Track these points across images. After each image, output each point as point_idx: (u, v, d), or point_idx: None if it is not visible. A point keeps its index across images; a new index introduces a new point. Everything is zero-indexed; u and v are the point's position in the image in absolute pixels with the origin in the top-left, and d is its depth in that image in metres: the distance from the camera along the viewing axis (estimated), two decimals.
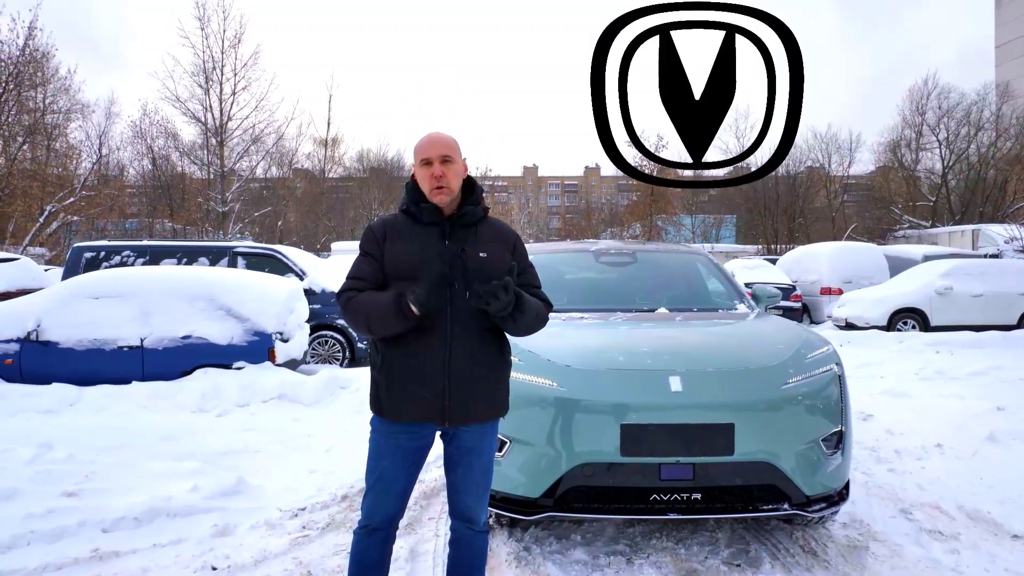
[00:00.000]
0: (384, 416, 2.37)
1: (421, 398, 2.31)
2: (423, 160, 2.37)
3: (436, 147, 2.38)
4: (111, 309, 7.31)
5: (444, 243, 2.35)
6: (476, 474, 2.46)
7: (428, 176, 2.36)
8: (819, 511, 3.19)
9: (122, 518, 3.64)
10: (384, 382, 2.35)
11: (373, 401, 2.42)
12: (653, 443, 3.04)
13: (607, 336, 3.82)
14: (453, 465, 2.47)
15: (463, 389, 2.33)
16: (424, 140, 2.43)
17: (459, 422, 2.37)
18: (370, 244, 2.42)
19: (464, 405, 2.35)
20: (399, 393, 2.32)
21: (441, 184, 2.35)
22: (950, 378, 8.40)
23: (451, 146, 2.41)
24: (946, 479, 4.44)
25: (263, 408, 6.77)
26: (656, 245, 5.78)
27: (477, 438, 2.45)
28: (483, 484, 2.50)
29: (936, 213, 36.00)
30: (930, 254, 16.74)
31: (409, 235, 2.38)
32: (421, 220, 2.39)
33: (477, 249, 2.38)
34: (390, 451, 2.38)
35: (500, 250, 2.45)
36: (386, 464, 2.38)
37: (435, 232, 2.37)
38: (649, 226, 36.46)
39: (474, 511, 2.49)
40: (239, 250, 10.17)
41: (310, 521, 3.86)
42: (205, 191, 29.95)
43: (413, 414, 2.34)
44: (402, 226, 2.41)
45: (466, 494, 2.47)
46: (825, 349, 3.56)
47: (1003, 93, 38.52)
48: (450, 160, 2.38)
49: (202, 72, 28.83)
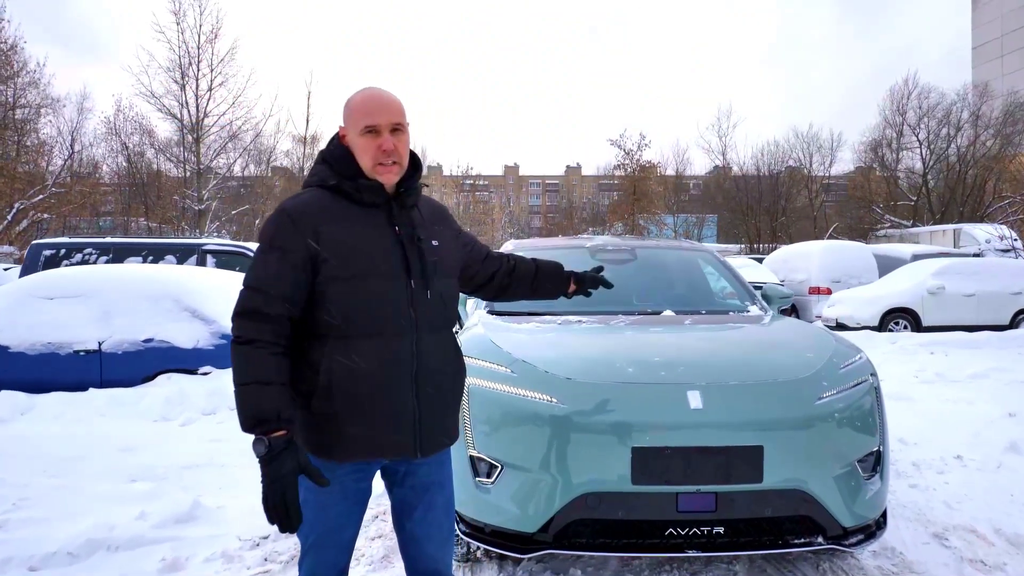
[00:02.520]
0: (333, 457, 1.81)
1: (389, 428, 1.82)
2: (367, 128, 1.83)
3: (385, 111, 1.85)
4: (67, 310, 6.79)
5: (394, 230, 1.86)
6: (439, 514, 1.98)
7: (374, 148, 1.83)
8: (857, 544, 2.79)
9: (54, 553, 3.15)
10: (337, 414, 1.78)
11: (312, 440, 1.82)
12: (669, 469, 2.61)
13: (612, 343, 3.38)
14: (408, 511, 1.97)
15: (435, 408, 1.88)
16: (365, 99, 1.87)
17: (433, 450, 1.90)
18: (290, 238, 1.77)
19: (438, 428, 1.90)
20: (360, 425, 1.79)
21: (393, 159, 1.85)
22: (950, 381, 8.15)
23: (401, 111, 1.88)
24: (974, 496, 4.08)
25: (231, 416, 6.29)
26: (657, 241, 5.36)
27: (435, 469, 1.97)
28: (448, 524, 2.02)
29: (917, 213, 36.14)
30: (919, 253, 16.55)
31: (349, 220, 1.83)
32: (359, 200, 1.86)
33: (428, 236, 1.92)
34: (335, 499, 1.85)
35: (447, 235, 2.01)
36: (332, 514, 1.86)
37: (380, 217, 1.87)
38: (631, 225, 36.27)
39: (442, 561, 2.00)
40: (208, 248, 9.67)
41: (273, 552, 3.40)
42: (181, 189, 29.26)
43: (376, 450, 1.84)
44: (335, 209, 1.83)
45: (429, 542, 1.97)
46: (858, 358, 3.16)
47: (981, 93, 38.78)
48: (401, 129, 1.87)
49: (178, 67, 28.25)
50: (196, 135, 28.79)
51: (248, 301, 1.76)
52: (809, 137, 43.69)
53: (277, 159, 39.90)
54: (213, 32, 28.47)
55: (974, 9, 60.63)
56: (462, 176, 66.25)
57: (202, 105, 28.82)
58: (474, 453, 2.84)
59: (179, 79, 28.27)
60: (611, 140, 37.48)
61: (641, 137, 37.21)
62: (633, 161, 37.08)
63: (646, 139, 36.98)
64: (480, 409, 2.88)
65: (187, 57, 28.24)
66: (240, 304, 1.77)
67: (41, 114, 28.61)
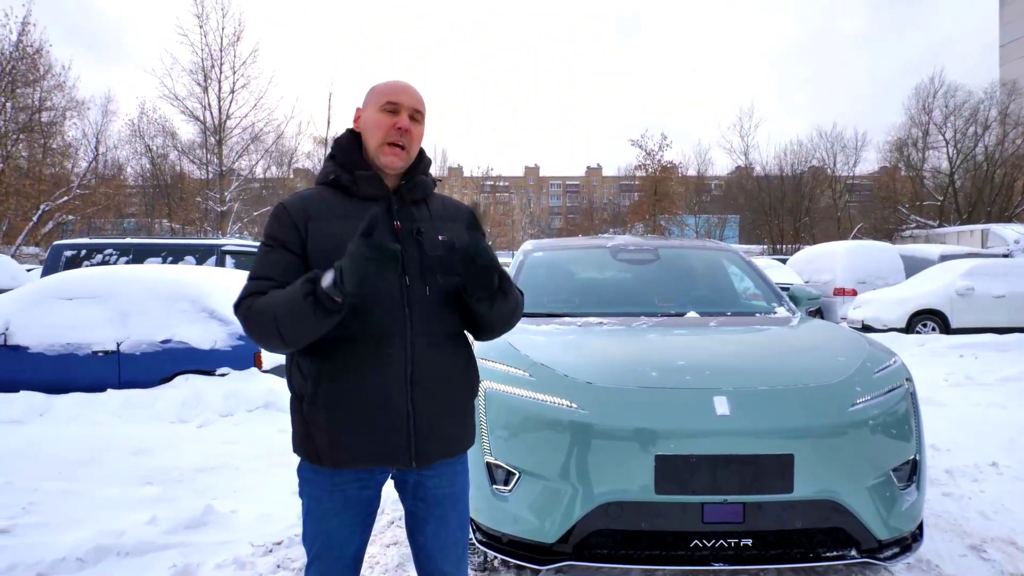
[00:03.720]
0: (324, 463, 1.74)
1: (379, 434, 1.71)
2: (388, 104, 1.79)
3: (409, 95, 1.82)
4: (85, 311, 6.79)
5: (393, 223, 1.78)
6: (452, 529, 1.87)
7: (389, 125, 1.78)
8: (891, 558, 2.65)
9: (62, 559, 3.08)
10: (322, 418, 1.70)
11: (302, 445, 1.77)
12: (695, 478, 2.49)
13: (634, 346, 3.26)
14: (420, 524, 1.87)
15: (433, 416, 1.76)
16: (393, 82, 1.85)
17: (429, 460, 1.77)
18: (284, 230, 1.75)
19: (435, 437, 1.77)
20: (348, 431, 1.70)
21: (402, 142, 1.79)
22: (981, 384, 7.96)
23: (423, 102, 1.86)
24: (1012, 506, 3.91)
25: (248, 418, 6.28)
26: (680, 241, 5.22)
27: (447, 482, 1.86)
28: (462, 541, 1.91)
29: (943, 213, 35.55)
30: (947, 254, 16.22)
31: (342, 214, 1.76)
32: (357, 193, 1.80)
33: (434, 231, 1.82)
34: (336, 508, 1.77)
35: (460, 232, 1.87)
36: (333, 524, 1.77)
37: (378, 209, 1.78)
38: (652, 226, 36.06)
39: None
40: (227, 248, 9.65)
41: (286, 559, 3.32)
42: (204, 190, 29.46)
43: (369, 457, 1.73)
44: (331, 202, 1.79)
45: (443, 559, 1.88)
46: (893, 362, 3.02)
47: (1010, 91, 38.05)
48: (419, 119, 1.84)
49: (201, 70, 28.45)
50: (219, 137, 29.00)
51: (250, 288, 1.74)
52: (833, 136, 43.21)
53: (299, 160, 40.10)
54: (235, 35, 28.70)
55: (1002, 6, 59.68)
56: (482, 177, 66.28)
57: (224, 107, 29.05)
58: (491, 460, 2.74)
59: (202, 81, 28.52)
60: (632, 140, 37.43)
61: (663, 137, 37.15)
62: (654, 161, 36.92)
63: (667, 139, 36.88)
64: (497, 414, 2.78)
65: (210, 60, 28.48)
66: (243, 291, 1.74)
67: (66, 117, 28.99)
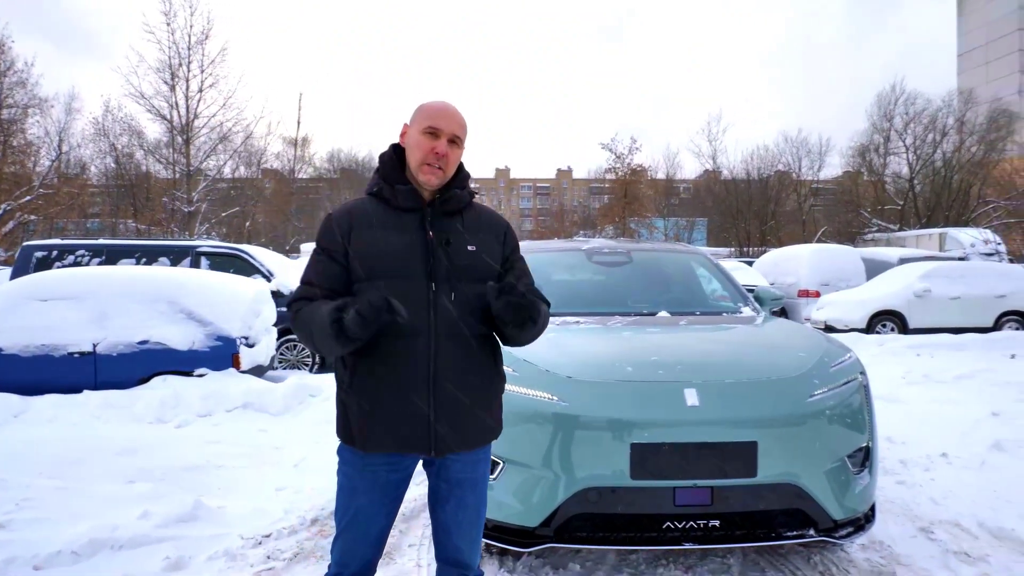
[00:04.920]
0: (356, 446, 1.95)
1: (402, 424, 1.91)
2: (430, 128, 1.96)
3: (450, 120, 1.98)
4: (61, 312, 6.79)
5: (426, 234, 1.94)
6: (469, 511, 2.06)
7: (428, 148, 1.95)
8: (846, 536, 2.87)
9: (58, 552, 3.18)
10: (355, 405, 1.93)
11: (342, 428, 1.99)
12: (667, 464, 2.69)
13: (610, 343, 3.46)
14: (440, 501, 2.06)
15: (452, 411, 1.93)
16: (437, 105, 2.00)
17: (448, 451, 1.96)
18: (330, 239, 1.96)
19: (454, 430, 1.94)
20: (375, 418, 1.91)
21: (439, 164, 1.95)
22: (937, 382, 8.27)
23: (464, 127, 2.02)
24: (959, 492, 4.18)
25: (227, 418, 6.34)
26: (652, 244, 5.45)
27: (469, 468, 2.05)
28: (477, 523, 2.10)
29: (903, 217, 36.47)
30: (906, 257, 16.74)
31: (381, 223, 1.95)
32: (396, 205, 1.97)
33: (464, 241, 1.98)
34: (366, 487, 1.96)
35: (490, 242, 2.04)
36: (362, 502, 1.97)
37: (413, 220, 1.96)
38: (622, 228, 36.44)
39: (467, 555, 2.08)
40: (202, 250, 9.65)
41: (275, 550, 3.45)
42: (171, 190, 29.09)
43: (392, 443, 1.93)
44: (372, 212, 1.98)
45: (458, 536, 2.06)
46: (848, 357, 3.25)
47: (966, 100, 39.21)
48: (458, 143, 2.01)
49: (168, 68, 28.12)
50: (186, 136, 28.68)
51: (299, 292, 1.98)
52: (798, 142, 44.13)
53: (268, 161, 39.82)
54: (204, 33, 28.41)
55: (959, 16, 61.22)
56: None
57: (192, 106, 28.74)
58: None
59: (169, 80, 28.18)
60: (602, 144, 37.74)
61: (632, 141, 37.52)
62: (624, 164, 37.31)
63: (637, 143, 37.35)
64: None
65: (177, 58, 28.15)
66: (295, 294, 1.99)
67: (28, 114, 28.44)
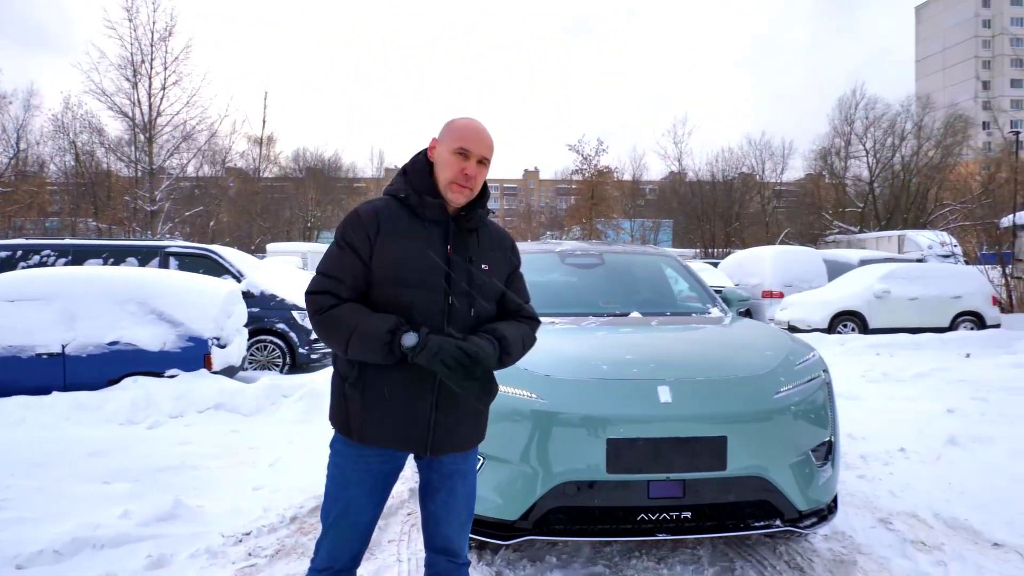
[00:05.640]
0: (352, 437, 2.02)
1: (403, 423, 1.99)
2: (461, 149, 2.02)
3: (480, 142, 2.05)
4: (29, 313, 6.70)
5: (447, 248, 2.03)
6: (459, 501, 2.16)
7: (458, 169, 2.01)
8: (810, 526, 3.03)
9: (40, 551, 3.19)
10: (359, 400, 1.99)
11: (339, 419, 2.05)
12: (642, 459, 2.81)
13: (586, 343, 3.58)
14: (432, 493, 2.15)
15: (452, 416, 2.03)
16: (468, 126, 2.07)
17: (441, 452, 2.06)
18: (358, 236, 1.98)
19: (450, 434, 2.04)
20: (377, 414, 1.98)
21: (468, 185, 2.03)
22: (896, 380, 8.54)
23: (492, 148, 2.09)
24: (916, 485, 4.37)
25: (199, 419, 6.33)
26: (623, 246, 5.59)
27: (460, 460, 2.15)
28: (466, 511, 2.20)
29: (864, 219, 37.34)
30: (866, 259, 17.18)
31: (408, 231, 2.00)
32: (422, 215, 2.03)
33: (480, 259, 2.08)
34: (359, 477, 2.03)
35: (500, 260, 2.16)
36: (354, 492, 2.03)
37: (437, 233, 2.03)
38: (589, 229, 36.73)
39: (456, 543, 2.18)
40: (171, 250, 9.56)
41: (256, 547, 3.50)
42: (132, 189, 28.60)
43: (390, 439, 2.01)
44: (397, 218, 2.02)
45: (448, 525, 2.15)
46: (812, 356, 3.41)
47: (924, 105, 40.29)
48: (485, 164, 2.08)
49: (130, 65, 27.64)
50: (148, 134, 28.23)
51: (320, 283, 1.99)
52: (762, 144, 44.98)
53: (232, 160, 39.31)
54: (167, 30, 27.97)
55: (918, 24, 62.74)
56: None
57: (155, 104, 28.29)
58: None
59: (131, 77, 27.70)
60: (569, 145, 38.02)
61: (599, 143, 37.88)
62: (591, 166, 37.62)
63: (604, 145, 37.67)
64: None
65: (140, 55, 27.69)
66: (313, 285, 2.00)
67: None
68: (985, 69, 69.64)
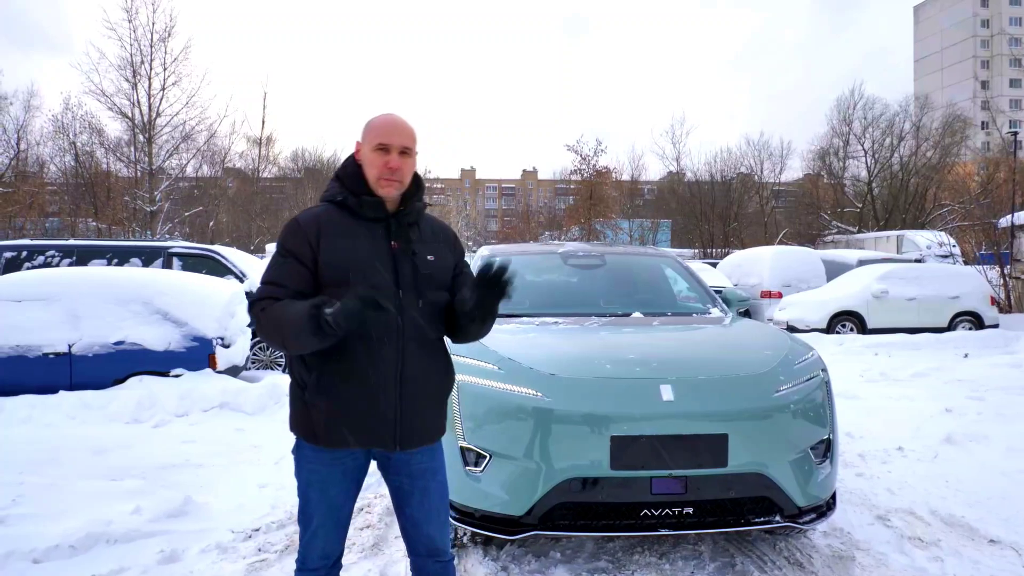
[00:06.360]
0: (320, 444, 2.02)
1: (369, 424, 2.00)
2: (380, 145, 2.05)
3: (398, 134, 2.07)
4: (35, 313, 6.78)
5: (390, 244, 2.06)
6: (434, 499, 2.16)
7: (381, 164, 2.04)
8: (809, 522, 3.09)
9: (56, 546, 3.26)
10: (322, 405, 1.98)
11: (304, 428, 2.05)
12: (645, 455, 2.88)
13: (589, 342, 3.65)
14: (406, 497, 2.15)
15: (416, 410, 2.05)
16: (384, 122, 2.10)
17: (409, 446, 2.07)
18: (298, 243, 2.00)
19: (417, 427, 2.06)
20: (342, 418, 1.98)
21: (395, 177, 2.06)
22: (894, 380, 8.62)
23: (413, 137, 2.12)
24: (914, 483, 4.44)
25: (204, 418, 6.40)
26: (625, 248, 5.66)
27: (428, 457, 2.16)
28: (443, 507, 2.21)
29: (862, 219, 37.40)
30: (864, 259, 17.24)
31: (349, 232, 2.03)
32: (362, 215, 2.06)
33: (425, 251, 2.11)
34: (335, 478, 2.06)
35: (444, 251, 2.19)
36: (333, 493, 2.07)
37: (379, 230, 2.06)
38: (588, 229, 36.78)
39: (440, 541, 2.19)
40: (174, 250, 9.62)
41: (266, 543, 3.56)
42: (132, 189, 28.66)
43: (357, 442, 2.02)
44: (339, 221, 2.05)
45: (428, 524, 2.15)
46: (811, 355, 3.48)
47: (922, 105, 40.37)
48: (409, 153, 2.09)
49: (129, 66, 27.73)
50: (148, 135, 28.31)
51: (262, 291, 2.01)
52: (760, 144, 45.13)
53: (232, 160, 39.39)
54: (166, 31, 28.11)
55: (916, 24, 62.79)
56: None
57: (154, 104, 28.39)
58: (464, 444, 3.06)
59: (131, 77, 27.81)
60: (568, 145, 37.99)
61: (597, 143, 37.96)
62: (589, 166, 37.65)
63: (602, 145, 37.71)
64: (470, 403, 3.11)
65: (139, 55, 27.80)
66: (256, 294, 2.02)
67: None
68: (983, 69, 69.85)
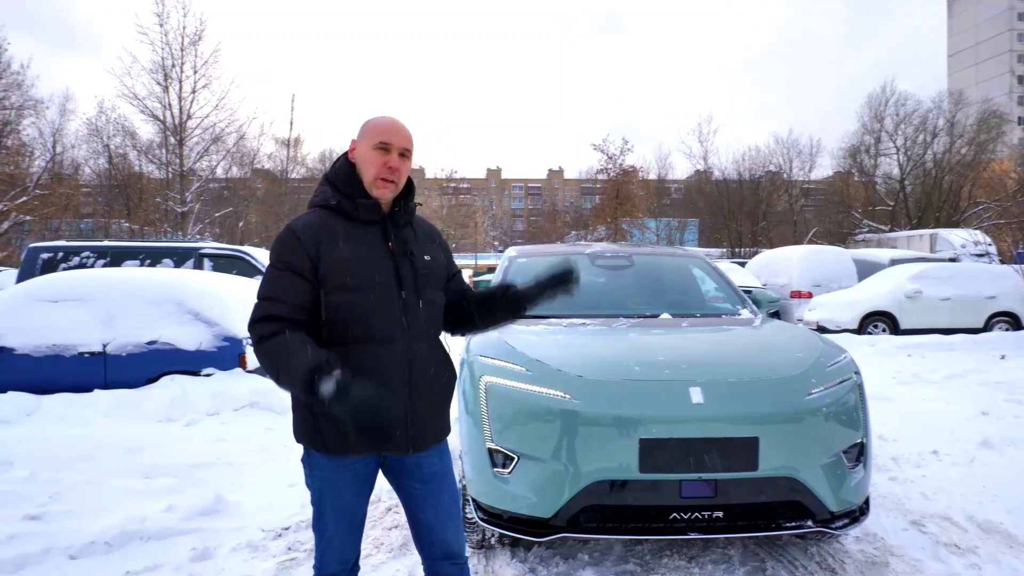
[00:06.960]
0: (331, 453, 1.99)
1: (383, 428, 1.98)
2: (381, 144, 2.04)
3: (399, 136, 2.06)
4: (71, 313, 6.91)
5: (388, 246, 2.05)
6: (447, 501, 2.16)
7: (381, 163, 2.03)
8: (842, 527, 3.04)
9: (92, 543, 3.33)
10: (331, 414, 1.88)
11: (311, 438, 2.01)
12: (674, 459, 2.85)
13: (617, 344, 3.62)
14: (419, 503, 2.14)
15: (426, 411, 2.06)
16: (385, 122, 2.08)
17: (423, 447, 2.07)
18: (295, 255, 1.95)
19: (428, 428, 2.08)
20: (358, 427, 1.94)
21: (393, 178, 2.05)
22: (927, 382, 8.46)
23: (411, 140, 2.11)
24: (949, 488, 4.35)
25: (234, 417, 6.47)
26: (652, 248, 5.62)
27: (438, 460, 2.15)
28: (456, 511, 2.21)
29: (894, 218, 36.78)
30: (897, 258, 16.95)
31: (347, 237, 2.00)
32: (358, 218, 2.04)
33: (422, 251, 2.13)
34: (348, 484, 2.05)
35: (437, 252, 2.21)
36: (347, 498, 2.05)
37: (376, 233, 2.05)
38: (615, 229, 36.63)
39: (456, 545, 2.19)
40: (205, 251, 9.76)
41: (296, 542, 3.60)
42: (163, 191, 29.11)
43: (369, 448, 2.01)
44: (334, 227, 2.01)
45: (444, 528, 2.15)
46: (843, 357, 3.42)
47: (956, 101, 39.57)
48: (407, 156, 2.09)
49: (161, 69, 28.08)
50: (179, 137, 28.70)
51: (262, 309, 1.95)
52: (789, 142, 44.56)
53: (260, 162, 39.83)
54: (197, 34, 28.40)
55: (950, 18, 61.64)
56: (445, 179, 66.37)
57: (185, 107, 28.74)
58: (492, 446, 3.06)
59: (162, 81, 28.17)
60: (594, 145, 37.85)
61: (624, 142, 37.72)
62: (616, 165, 37.48)
63: (629, 144, 37.51)
64: (497, 405, 3.11)
65: (170, 59, 28.13)
66: (255, 313, 1.95)
67: (23, 115, 28.45)
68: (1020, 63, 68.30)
